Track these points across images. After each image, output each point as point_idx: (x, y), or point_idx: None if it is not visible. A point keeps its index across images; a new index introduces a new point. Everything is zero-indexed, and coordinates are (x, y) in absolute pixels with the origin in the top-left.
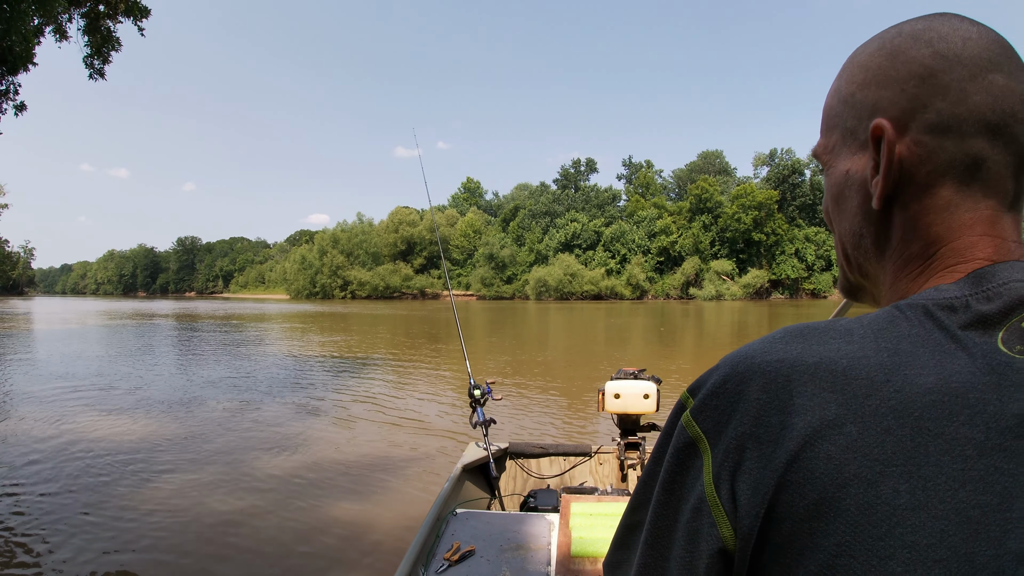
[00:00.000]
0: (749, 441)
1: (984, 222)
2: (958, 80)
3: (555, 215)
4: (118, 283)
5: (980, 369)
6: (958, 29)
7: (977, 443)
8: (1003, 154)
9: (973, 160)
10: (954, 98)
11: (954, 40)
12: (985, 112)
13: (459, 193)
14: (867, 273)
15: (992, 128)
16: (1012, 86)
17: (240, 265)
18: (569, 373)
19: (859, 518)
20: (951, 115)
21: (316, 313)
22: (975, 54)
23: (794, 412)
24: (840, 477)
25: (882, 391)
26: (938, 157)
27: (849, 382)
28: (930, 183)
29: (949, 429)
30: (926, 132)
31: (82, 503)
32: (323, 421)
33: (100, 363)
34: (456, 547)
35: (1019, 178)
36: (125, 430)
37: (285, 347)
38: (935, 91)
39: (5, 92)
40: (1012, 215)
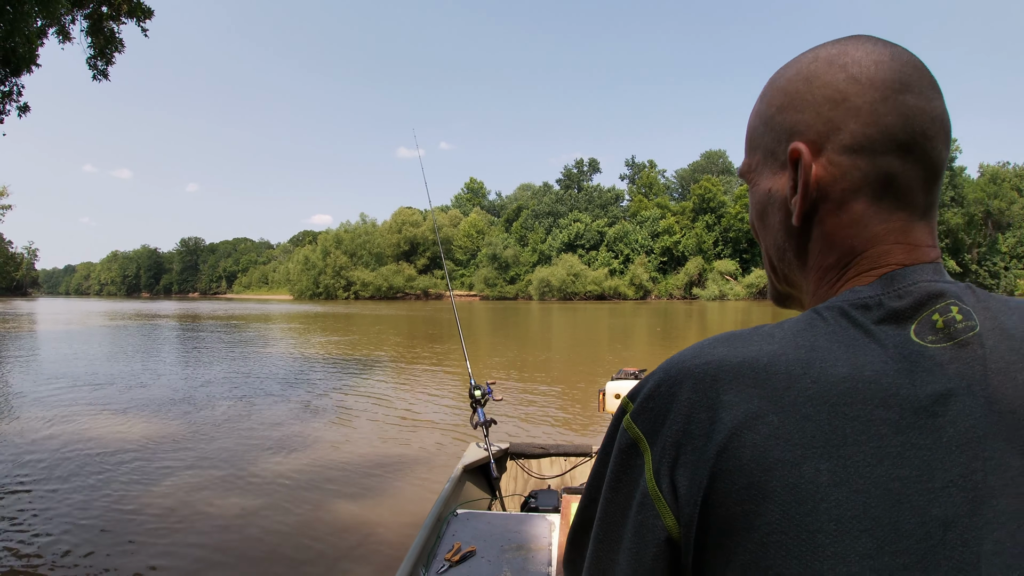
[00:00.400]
0: (683, 438)
1: (896, 232)
2: (870, 102)
3: (558, 215)
4: (122, 284)
5: (893, 358)
6: (871, 52)
7: (892, 422)
8: (914, 169)
9: (885, 176)
10: (866, 119)
11: (867, 64)
12: (896, 132)
13: (462, 193)
14: (792, 283)
15: (903, 146)
16: (922, 106)
17: (243, 266)
18: (570, 373)
19: (786, 498)
20: (864, 136)
21: (319, 314)
22: (887, 76)
23: (721, 408)
24: (765, 462)
25: (800, 383)
26: (852, 176)
27: (769, 377)
28: (845, 199)
29: (864, 412)
30: (840, 153)
31: (84, 502)
32: (324, 421)
33: (102, 364)
34: (457, 547)
35: (930, 189)
36: (127, 430)
37: (287, 347)
38: (848, 114)
39: (8, 93)
40: (924, 223)
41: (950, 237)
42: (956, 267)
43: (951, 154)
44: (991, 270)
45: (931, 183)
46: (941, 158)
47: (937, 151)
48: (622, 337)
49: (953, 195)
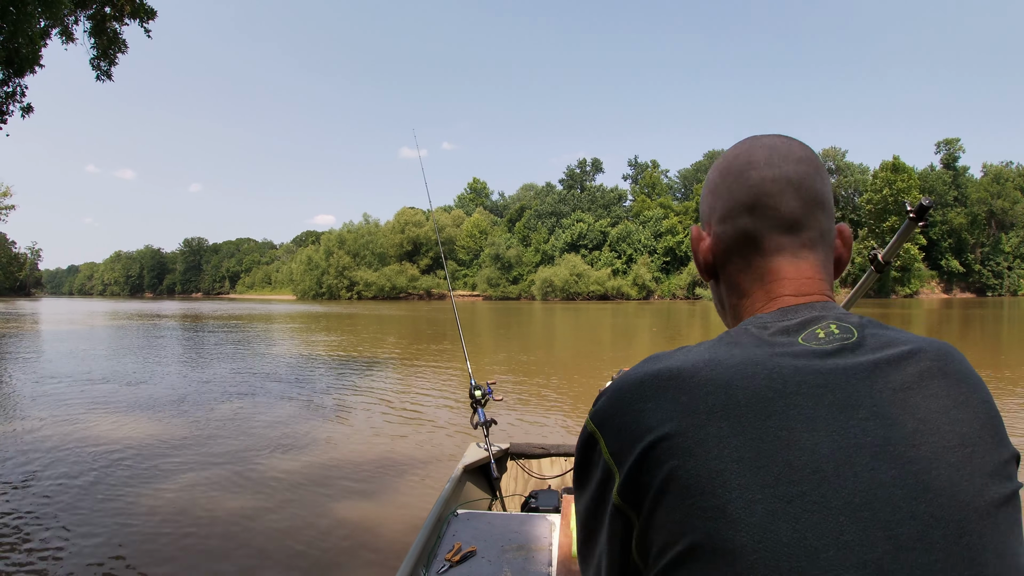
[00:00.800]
0: (621, 431)
1: (771, 273)
2: (727, 185)
3: (561, 215)
4: (125, 284)
5: (779, 354)
6: (737, 147)
7: (778, 390)
8: (763, 221)
9: (745, 233)
10: (726, 196)
11: (731, 157)
12: (743, 199)
13: (465, 193)
14: (727, 323)
15: (749, 208)
16: (765, 175)
17: (246, 266)
18: (572, 373)
19: (698, 450)
20: (726, 209)
21: (322, 314)
22: (740, 163)
23: (646, 407)
24: (681, 430)
25: (703, 372)
26: (728, 238)
27: (681, 375)
28: (729, 257)
29: (753, 384)
30: (717, 224)
31: (87, 501)
32: (325, 421)
33: (106, 363)
34: (457, 548)
35: (790, 233)
36: (130, 429)
37: (289, 347)
38: (717, 197)
39: (12, 94)
40: (798, 260)
41: (953, 237)
42: (960, 267)
43: (955, 153)
44: (994, 270)
45: (787, 229)
46: (789, 208)
47: (783, 204)
48: (625, 337)
49: (956, 195)
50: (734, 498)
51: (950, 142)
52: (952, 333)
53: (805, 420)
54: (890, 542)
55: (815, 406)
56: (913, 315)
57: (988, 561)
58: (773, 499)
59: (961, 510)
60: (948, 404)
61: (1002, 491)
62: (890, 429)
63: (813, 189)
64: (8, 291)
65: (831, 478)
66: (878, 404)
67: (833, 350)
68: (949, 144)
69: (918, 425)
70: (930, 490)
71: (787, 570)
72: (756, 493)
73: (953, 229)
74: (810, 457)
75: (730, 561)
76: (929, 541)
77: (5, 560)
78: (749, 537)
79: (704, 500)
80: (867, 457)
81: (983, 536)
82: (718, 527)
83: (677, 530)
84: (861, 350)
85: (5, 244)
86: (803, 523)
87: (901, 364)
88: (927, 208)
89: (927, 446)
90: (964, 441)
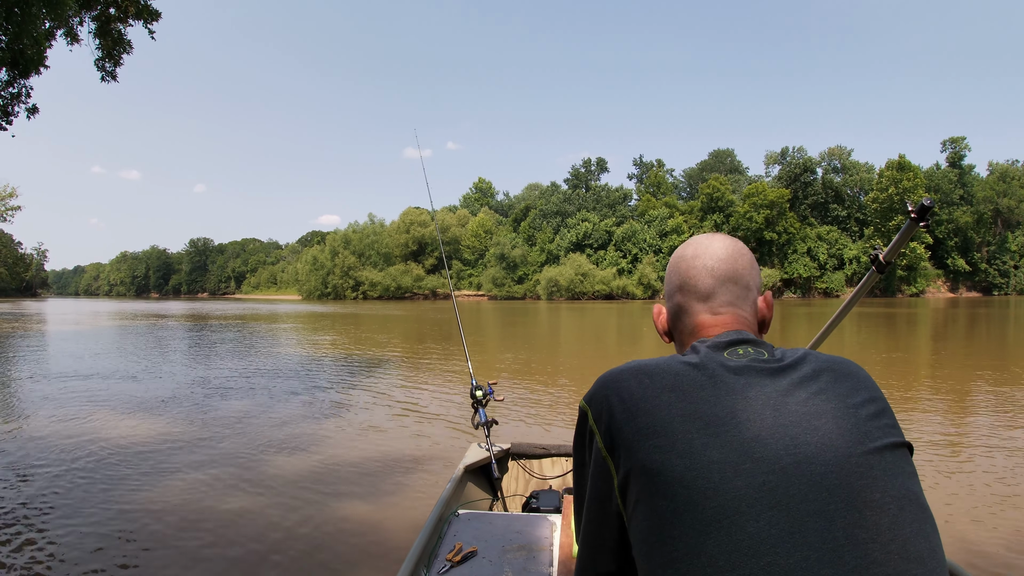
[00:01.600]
0: (601, 414)
1: (697, 325)
2: (670, 273)
3: (566, 215)
4: (131, 284)
5: (706, 360)
6: (685, 245)
7: (706, 379)
8: (688, 295)
9: (679, 305)
10: (670, 280)
11: (678, 253)
12: (677, 281)
13: (470, 193)
14: None
15: (679, 287)
16: (689, 262)
17: (252, 266)
18: (575, 373)
19: (648, 419)
20: (670, 289)
21: (327, 314)
22: (679, 255)
23: (611, 395)
24: (640, 406)
25: (656, 367)
26: (672, 308)
27: (640, 369)
28: (675, 322)
29: (689, 374)
30: (667, 300)
31: (91, 501)
32: (325, 421)
33: (110, 363)
34: (458, 548)
35: (707, 301)
36: (133, 429)
37: (293, 347)
38: (667, 281)
39: (17, 95)
40: (714, 316)
41: (959, 236)
42: (966, 266)
43: (961, 152)
44: (1000, 269)
45: (703, 298)
46: (705, 285)
47: (700, 282)
48: (630, 337)
49: (962, 193)
50: (680, 445)
51: (956, 140)
52: (958, 332)
53: (726, 398)
54: (789, 463)
55: (735, 392)
56: (919, 315)
57: (867, 487)
58: (703, 435)
59: (839, 439)
60: (837, 388)
61: (881, 443)
62: (787, 397)
63: (723, 271)
64: (14, 292)
65: (743, 424)
66: (781, 386)
67: (749, 361)
68: (955, 143)
69: (810, 396)
70: (818, 431)
71: (718, 479)
72: (696, 442)
73: (959, 228)
74: (734, 419)
75: (673, 476)
76: (813, 461)
77: (6, 559)
78: (688, 461)
79: (659, 439)
80: (769, 411)
81: (854, 465)
82: (668, 456)
83: (636, 458)
84: (771, 360)
85: (11, 245)
86: (726, 449)
87: (800, 366)
88: (928, 208)
89: (815, 408)
90: (846, 409)
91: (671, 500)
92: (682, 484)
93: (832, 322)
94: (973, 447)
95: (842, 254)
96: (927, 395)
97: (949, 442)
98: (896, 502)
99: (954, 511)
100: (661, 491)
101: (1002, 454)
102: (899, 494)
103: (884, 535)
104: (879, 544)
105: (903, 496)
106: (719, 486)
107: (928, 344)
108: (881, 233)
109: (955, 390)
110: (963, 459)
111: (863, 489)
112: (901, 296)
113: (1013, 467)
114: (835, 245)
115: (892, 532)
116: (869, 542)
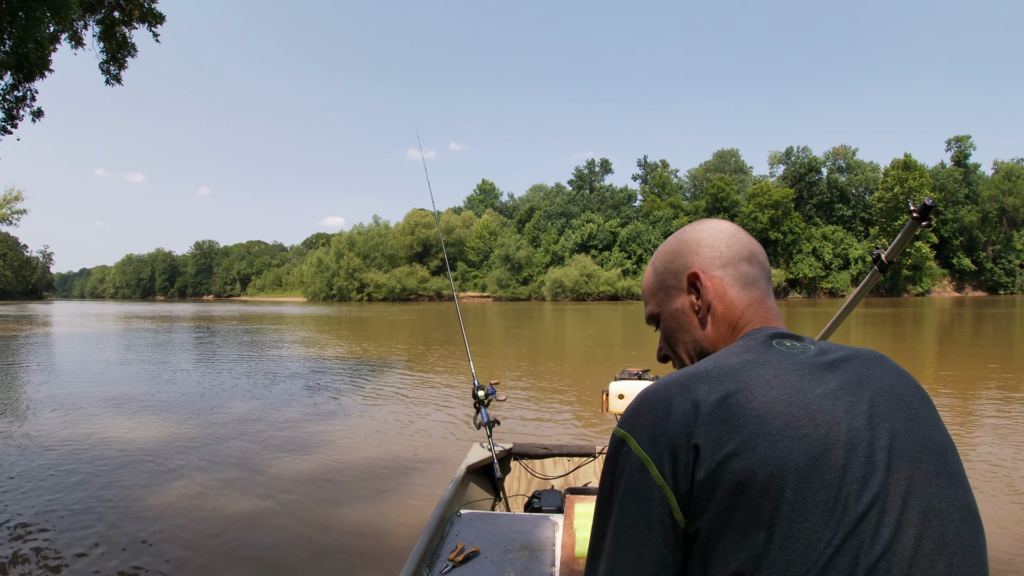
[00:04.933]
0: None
1: (755, 305)
2: (723, 241)
3: (570, 216)
4: (136, 287)
5: (772, 350)
6: (712, 223)
7: (785, 360)
8: (759, 269)
9: (745, 275)
10: (723, 249)
11: (712, 227)
12: (742, 252)
13: (475, 195)
14: (694, 360)
15: (748, 257)
16: (749, 240)
17: (257, 268)
18: (578, 374)
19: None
20: (728, 257)
21: (332, 316)
22: (725, 228)
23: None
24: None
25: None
26: (726, 280)
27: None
28: (725, 293)
29: (772, 358)
30: (717, 269)
31: (96, 501)
32: (328, 422)
33: (117, 365)
34: (460, 548)
35: (768, 281)
36: (138, 430)
37: (297, 349)
38: (713, 250)
39: (22, 98)
40: (768, 298)
41: (964, 235)
42: (971, 265)
43: (966, 151)
44: (1006, 268)
45: (767, 279)
46: (767, 266)
47: (765, 262)
48: (635, 338)
49: (968, 192)
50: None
51: (961, 139)
52: (964, 332)
53: (803, 373)
54: (867, 472)
55: (802, 371)
56: (924, 314)
57: (935, 495)
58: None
59: (908, 443)
60: (895, 385)
61: (941, 447)
62: (848, 396)
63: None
64: (20, 294)
65: (819, 427)
66: (839, 383)
67: (799, 349)
68: (960, 141)
69: (875, 395)
70: (887, 434)
71: (795, 485)
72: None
73: (964, 227)
74: (805, 416)
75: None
76: (887, 469)
77: (10, 560)
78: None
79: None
80: (843, 412)
81: (923, 472)
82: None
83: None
84: (819, 354)
85: (17, 248)
86: (808, 454)
87: (846, 361)
88: (930, 208)
89: (881, 409)
90: (904, 408)
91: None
92: (767, 495)
93: (835, 321)
94: (980, 445)
95: (847, 254)
96: (933, 395)
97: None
98: (959, 512)
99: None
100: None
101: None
102: (961, 504)
103: (949, 547)
104: (944, 556)
105: (964, 506)
106: (800, 492)
107: (933, 342)
108: (887, 233)
109: (962, 388)
110: (971, 459)
111: (932, 498)
112: (907, 295)
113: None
114: (840, 245)
115: (956, 544)
116: (935, 554)
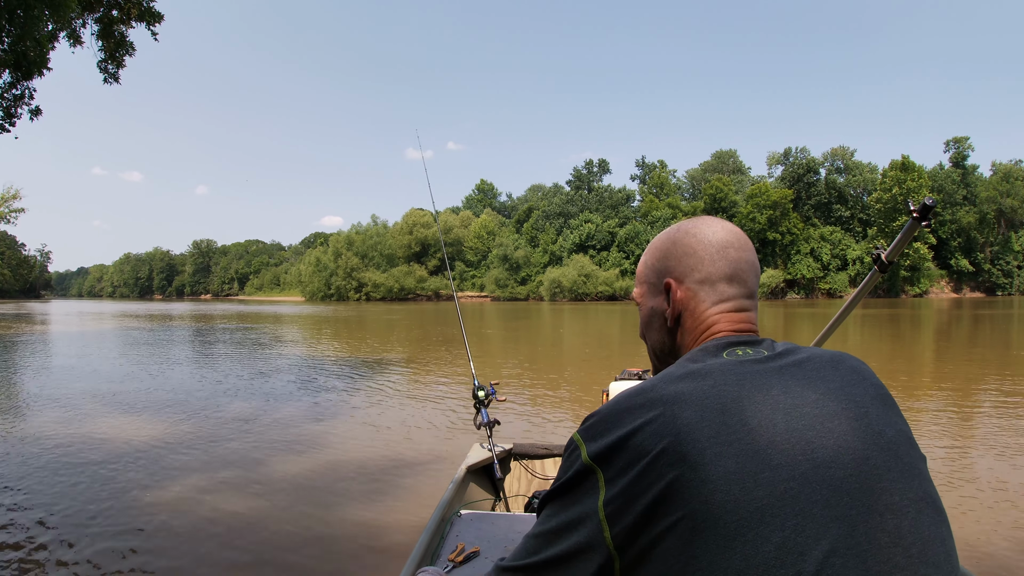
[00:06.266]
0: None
1: (724, 320)
2: (710, 254)
3: (569, 216)
4: (134, 286)
5: (718, 360)
6: (711, 225)
7: (737, 366)
8: (737, 287)
9: (722, 294)
10: (708, 264)
11: (708, 232)
12: (726, 270)
13: (473, 195)
14: (666, 362)
15: (728, 277)
16: (740, 255)
17: (255, 268)
18: (578, 374)
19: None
20: (707, 273)
21: (330, 315)
22: (720, 238)
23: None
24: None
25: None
26: (700, 295)
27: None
28: (696, 308)
29: (722, 364)
30: (695, 283)
31: (94, 502)
32: (328, 423)
33: (115, 364)
34: (461, 548)
35: (748, 296)
36: (136, 430)
37: (295, 348)
38: (698, 261)
39: (20, 97)
40: (744, 312)
41: (963, 236)
42: (969, 266)
43: (964, 152)
44: (1004, 269)
45: (750, 295)
46: (752, 283)
47: (749, 280)
48: (634, 338)
49: (966, 193)
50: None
51: (959, 140)
52: (962, 333)
53: (758, 377)
54: (807, 468)
55: (757, 373)
56: (922, 315)
57: (886, 490)
58: (715, 445)
59: (855, 441)
60: (844, 385)
61: (894, 442)
62: (795, 397)
63: (758, 274)
64: (18, 293)
65: (756, 430)
66: (787, 386)
67: (751, 354)
68: (958, 143)
69: (820, 397)
70: (832, 433)
71: (737, 491)
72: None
73: (962, 228)
74: (738, 419)
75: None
76: (831, 465)
77: (10, 560)
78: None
79: None
80: (780, 415)
81: (872, 467)
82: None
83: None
84: (770, 358)
85: (15, 246)
86: (741, 458)
87: (802, 363)
88: (930, 208)
89: (827, 409)
90: (856, 407)
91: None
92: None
93: (835, 321)
94: (977, 447)
95: (845, 255)
96: (930, 393)
97: (953, 443)
98: (914, 504)
99: (957, 512)
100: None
101: (1007, 453)
102: (917, 496)
103: (905, 539)
104: (901, 548)
105: (921, 498)
106: (739, 498)
107: (931, 344)
108: (885, 234)
109: (959, 389)
110: (968, 460)
111: (882, 492)
112: (905, 296)
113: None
114: (838, 246)
115: (912, 536)
116: (891, 547)
